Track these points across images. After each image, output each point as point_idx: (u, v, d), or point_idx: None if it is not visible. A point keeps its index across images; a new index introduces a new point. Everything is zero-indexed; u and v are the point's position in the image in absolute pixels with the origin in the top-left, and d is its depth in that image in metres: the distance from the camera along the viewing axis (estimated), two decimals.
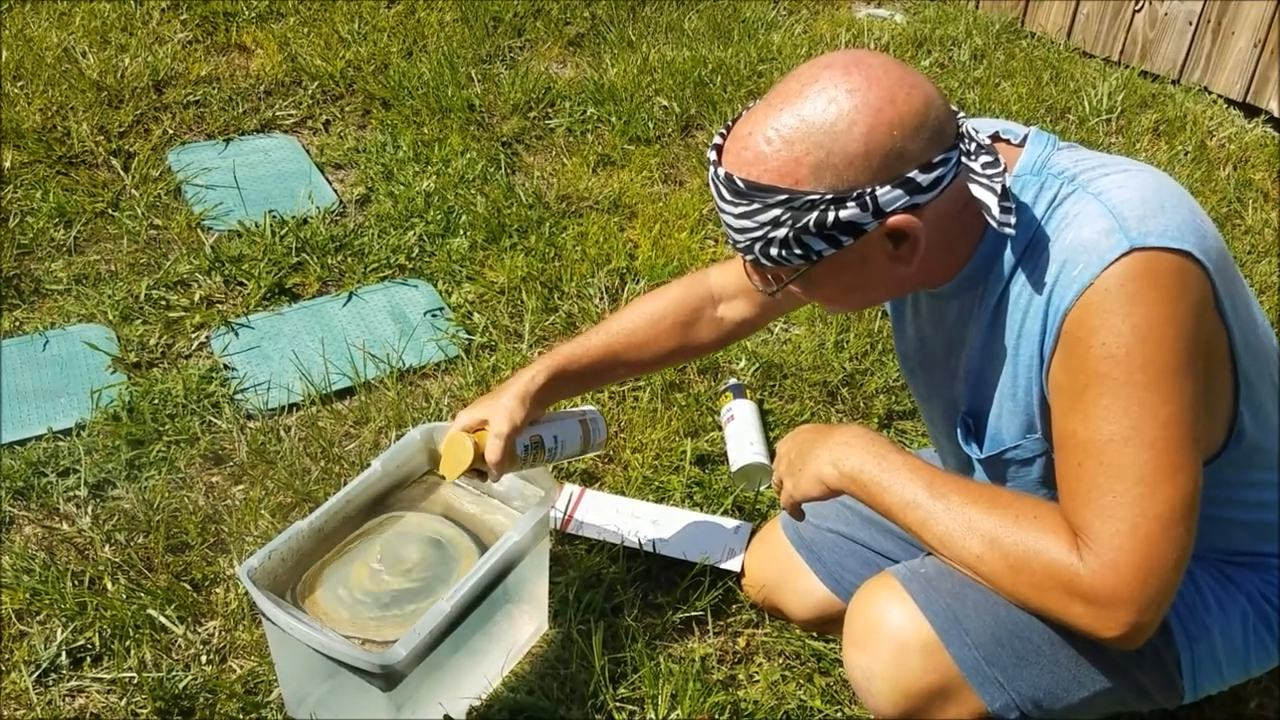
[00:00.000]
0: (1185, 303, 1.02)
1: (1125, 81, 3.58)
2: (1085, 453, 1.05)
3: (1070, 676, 1.17)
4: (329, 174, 2.91)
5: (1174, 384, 1.02)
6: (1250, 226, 2.84)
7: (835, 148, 1.03)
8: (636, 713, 1.55)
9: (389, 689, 1.31)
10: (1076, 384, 1.05)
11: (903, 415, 2.16)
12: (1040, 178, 1.12)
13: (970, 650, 1.15)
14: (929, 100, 1.05)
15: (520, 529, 1.45)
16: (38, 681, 1.56)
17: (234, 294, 2.42)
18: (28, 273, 2.41)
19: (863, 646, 1.19)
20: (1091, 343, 1.03)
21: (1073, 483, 1.06)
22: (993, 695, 1.16)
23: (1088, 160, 1.13)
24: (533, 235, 2.63)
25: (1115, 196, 1.06)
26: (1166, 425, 1.02)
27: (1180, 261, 1.02)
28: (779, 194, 1.05)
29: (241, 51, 3.47)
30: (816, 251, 1.08)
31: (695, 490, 1.93)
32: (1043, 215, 1.10)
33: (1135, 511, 1.01)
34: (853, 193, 1.04)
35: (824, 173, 1.04)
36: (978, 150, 1.08)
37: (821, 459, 1.21)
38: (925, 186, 1.05)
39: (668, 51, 3.62)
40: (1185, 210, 1.06)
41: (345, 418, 2.08)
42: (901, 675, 1.17)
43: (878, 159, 1.03)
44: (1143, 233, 1.02)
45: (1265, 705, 1.60)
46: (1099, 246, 1.03)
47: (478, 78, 3.37)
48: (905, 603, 1.17)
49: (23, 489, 1.87)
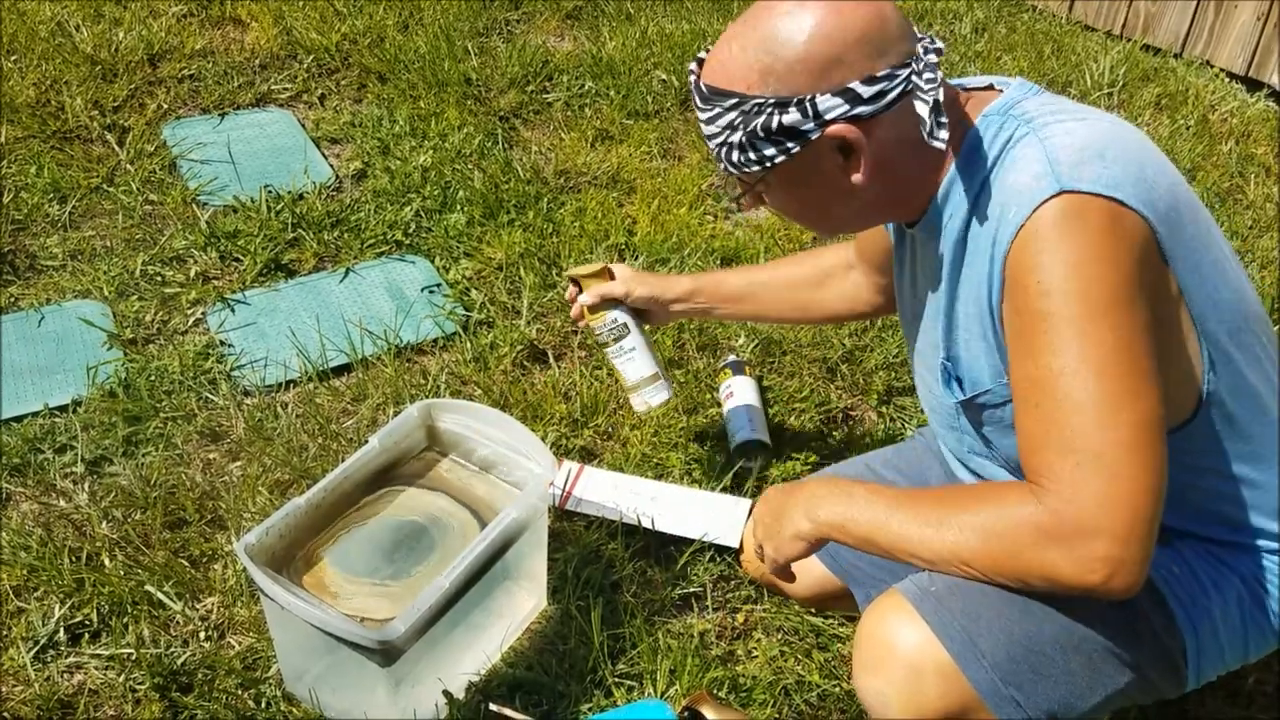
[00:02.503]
0: (1118, 242, 1.03)
1: (1127, 55, 3.56)
2: (1038, 391, 1.05)
3: (1084, 684, 1.15)
4: (325, 149, 2.89)
5: (1114, 315, 1.02)
6: (1252, 201, 2.83)
7: (781, 54, 1.10)
8: (635, 688, 1.55)
9: (388, 664, 1.30)
10: (1023, 325, 1.07)
11: (902, 392, 2.15)
12: (1003, 118, 1.14)
13: (987, 672, 1.13)
14: (878, 15, 1.09)
15: (519, 505, 1.45)
16: (36, 658, 1.56)
17: (230, 270, 2.41)
18: (23, 248, 2.40)
19: (875, 671, 1.17)
20: (1028, 282, 1.05)
21: (1030, 426, 1.06)
22: (1009, 713, 1.14)
23: (1052, 107, 1.14)
24: (530, 211, 2.62)
25: (1057, 142, 1.08)
26: (1112, 353, 1.02)
27: (1111, 206, 1.03)
28: (731, 98, 1.13)
29: (236, 25, 3.44)
30: (769, 157, 1.14)
31: (694, 467, 1.92)
32: (998, 155, 1.13)
33: (1093, 440, 1.01)
34: (794, 98, 1.10)
35: (769, 78, 1.11)
36: (925, 68, 1.11)
37: (795, 516, 1.22)
38: (866, 98, 1.09)
39: (666, 24, 3.59)
40: (1129, 161, 1.07)
41: (342, 394, 2.07)
42: (917, 700, 1.14)
43: (817, 66, 1.09)
44: (1074, 178, 1.04)
45: (1264, 680, 1.60)
46: (1030, 189, 1.06)
47: (474, 51, 3.34)
48: (917, 624, 1.14)
49: (19, 466, 1.86)
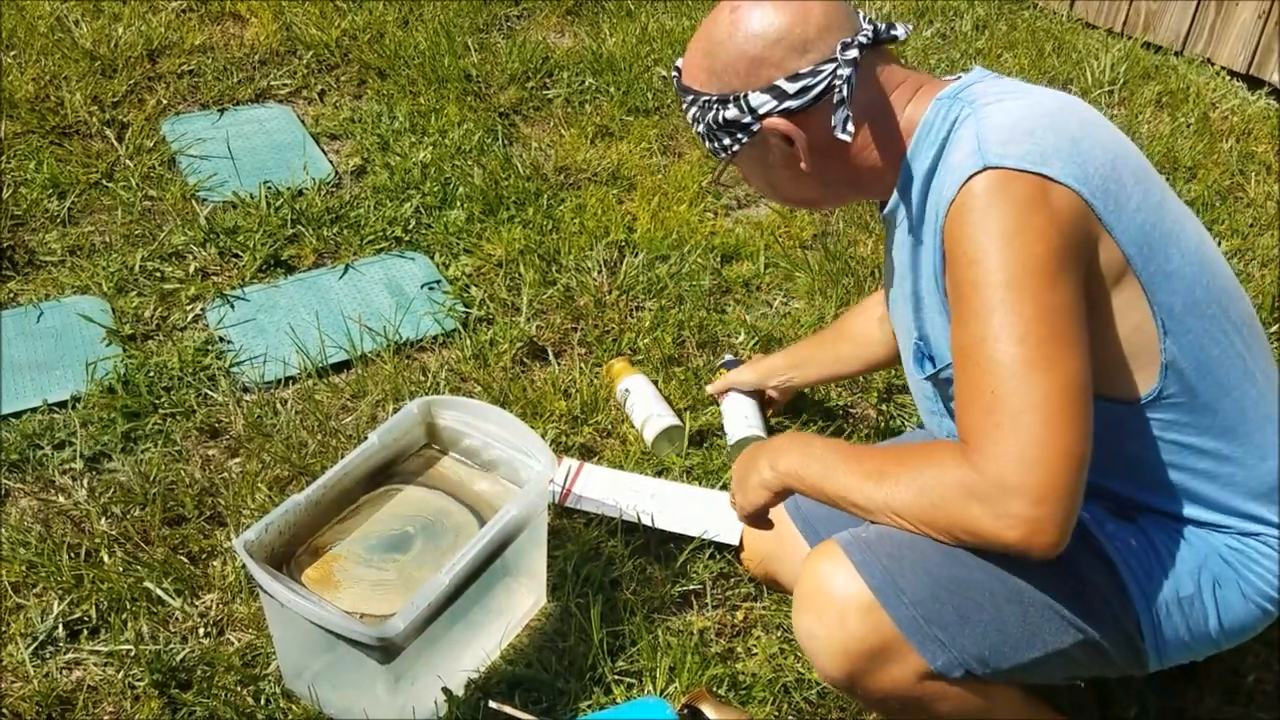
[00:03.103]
0: (1042, 214, 1.07)
1: (1128, 53, 3.55)
2: (965, 357, 1.10)
3: (1018, 634, 1.18)
4: (324, 145, 2.89)
5: (1036, 283, 1.06)
6: (1253, 199, 2.82)
7: (717, 54, 1.22)
8: (635, 685, 1.55)
9: (387, 661, 1.30)
10: (956, 295, 1.12)
11: (902, 389, 2.15)
12: (951, 101, 1.20)
13: (907, 609, 1.17)
14: (801, 15, 1.18)
15: (518, 503, 1.45)
16: (35, 654, 1.55)
17: (229, 266, 2.40)
18: (22, 244, 2.39)
19: (807, 609, 1.22)
20: (958, 254, 1.10)
21: (960, 389, 1.11)
22: (934, 653, 1.17)
23: (997, 89, 1.20)
24: (530, 207, 2.62)
25: (989, 121, 1.13)
26: (1033, 321, 1.06)
27: (1036, 180, 1.08)
28: (689, 94, 1.27)
29: (236, 20, 3.43)
30: (727, 146, 1.26)
31: (694, 464, 1.92)
32: (944, 137, 1.18)
33: (1013, 404, 1.04)
34: (730, 95, 1.22)
35: (712, 77, 1.23)
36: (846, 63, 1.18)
37: (761, 466, 1.31)
38: (792, 94, 1.19)
39: (667, 21, 3.59)
40: (1061, 136, 1.11)
41: (342, 391, 2.07)
42: (842, 637, 1.18)
43: (744, 66, 1.20)
44: (1000, 155, 1.09)
45: (1264, 679, 1.60)
46: (960, 167, 1.11)
47: (474, 47, 3.33)
48: (845, 565, 1.20)
49: (18, 461, 1.86)
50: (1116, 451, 1.20)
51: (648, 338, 2.21)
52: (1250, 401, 1.20)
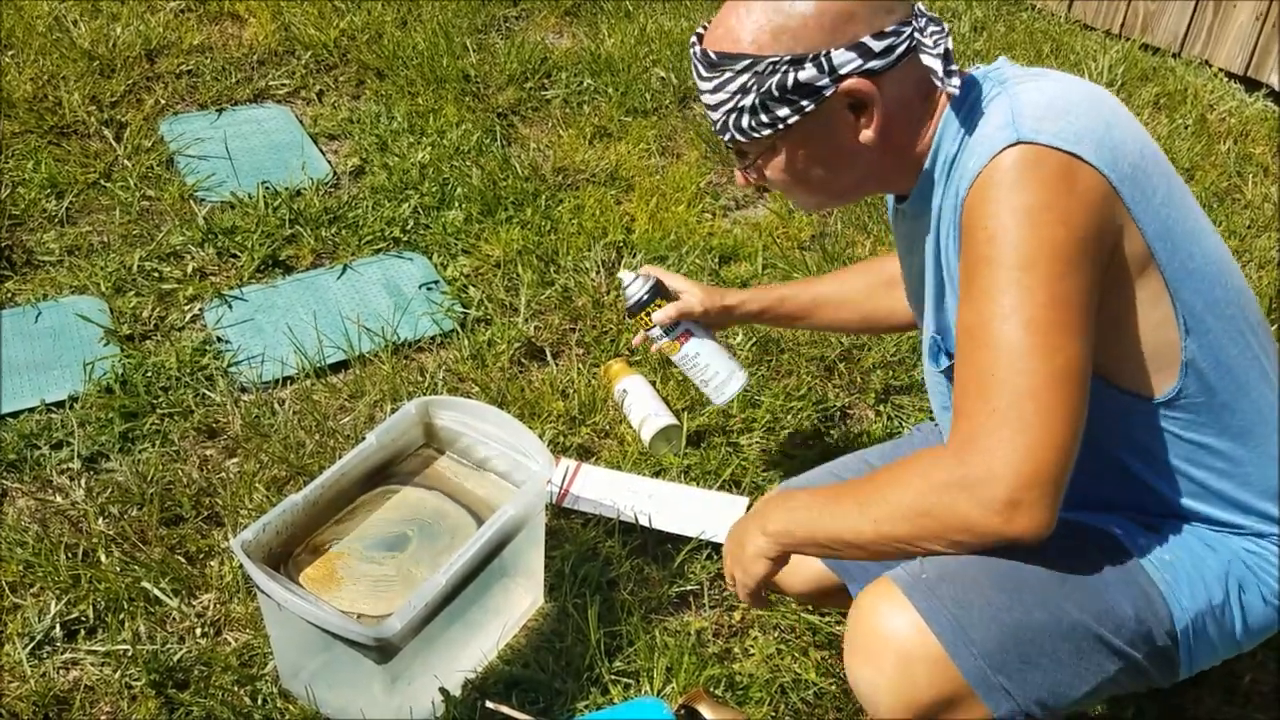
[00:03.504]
0: (1070, 196, 1.04)
1: (1126, 54, 3.56)
2: (969, 337, 1.07)
3: (1073, 672, 1.15)
4: (323, 145, 2.89)
5: (1053, 268, 1.03)
6: (1250, 201, 2.83)
7: (792, 12, 1.11)
8: (632, 685, 1.55)
9: (384, 661, 1.30)
10: (968, 272, 1.08)
11: (900, 390, 2.15)
12: (981, 80, 1.16)
13: (976, 660, 1.13)
14: None
15: (515, 503, 1.45)
16: (32, 654, 1.55)
17: (227, 266, 2.40)
18: (20, 244, 2.39)
19: (865, 658, 1.17)
20: (977, 229, 1.06)
21: (961, 370, 1.07)
22: (998, 702, 1.15)
23: (1030, 71, 1.17)
24: (529, 208, 2.62)
25: (1025, 99, 1.10)
26: (1045, 306, 1.03)
27: (1068, 160, 1.05)
28: (744, 60, 1.13)
29: (234, 20, 3.43)
30: (782, 118, 1.15)
31: (691, 465, 1.92)
32: (972, 114, 1.14)
33: (1009, 389, 1.02)
34: (809, 54, 1.11)
35: (782, 36, 1.12)
36: (927, 23, 1.13)
37: (752, 534, 1.25)
38: (878, 52, 1.11)
39: (665, 21, 3.59)
40: (1094, 120, 1.08)
41: (340, 391, 2.07)
42: (907, 688, 1.14)
43: (829, 21, 1.11)
44: (1034, 130, 1.05)
45: (1261, 679, 1.60)
46: (991, 139, 1.07)
47: (473, 48, 3.34)
48: (908, 612, 1.14)
49: (15, 461, 1.86)
50: (1135, 448, 1.19)
51: None
52: (1267, 402, 1.20)
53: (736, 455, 1.95)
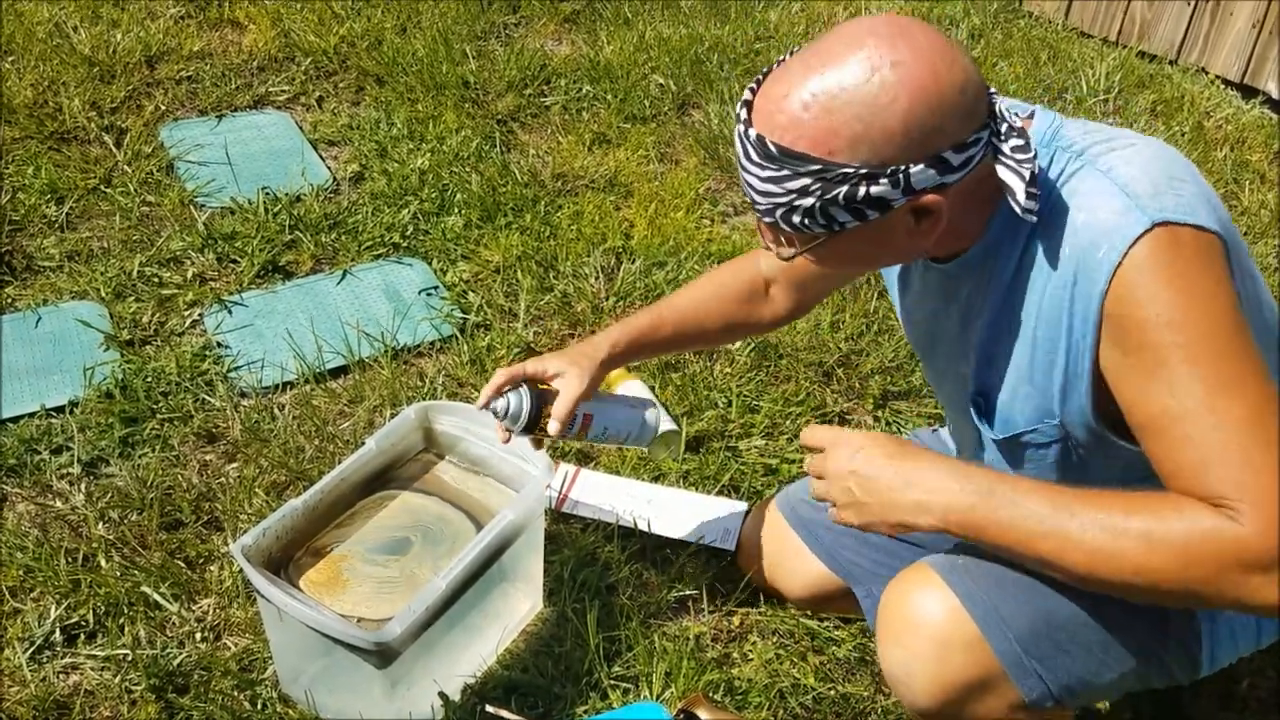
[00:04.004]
0: (1217, 268, 1.02)
1: (1123, 62, 3.57)
2: (1190, 421, 1.00)
3: (1100, 661, 1.17)
4: (322, 151, 2.89)
5: (1239, 328, 1.01)
6: (1247, 208, 2.84)
7: (875, 122, 1.00)
8: (631, 690, 1.55)
9: (384, 666, 1.31)
10: (1145, 361, 1.02)
11: (898, 395, 2.16)
12: (1049, 149, 1.11)
13: (1011, 643, 1.15)
14: (968, 77, 1.02)
15: (515, 508, 1.45)
16: (32, 658, 1.56)
17: (227, 271, 2.41)
18: (20, 249, 2.40)
19: (899, 641, 1.18)
20: (1145, 318, 1.01)
21: (1185, 455, 1.01)
22: (1030, 686, 1.16)
23: (1094, 134, 1.11)
24: (528, 214, 2.62)
25: (1123, 173, 1.04)
26: (1251, 371, 1.00)
27: (1198, 231, 1.02)
28: (812, 163, 1.03)
29: (234, 27, 3.44)
30: (840, 223, 1.06)
31: (690, 469, 1.93)
32: (1050, 191, 1.09)
33: (1266, 457, 0.97)
34: (886, 169, 1.02)
35: (860, 146, 1.01)
36: (1009, 132, 1.05)
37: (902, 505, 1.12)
38: (956, 166, 1.03)
39: (664, 29, 3.60)
40: (1193, 184, 1.05)
41: (339, 396, 2.07)
42: (942, 669, 1.16)
43: (916, 136, 1.01)
44: (1159, 208, 1.01)
45: (1258, 684, 1.61)
46: (1120, 226, 1.02)
47: (472, 54, 3.34)
48: (945, 596, 1.15)
49: (15, 466, 1.86)
50: None
51: None
52: None
53: (735, 460, 1.95)
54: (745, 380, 2.14)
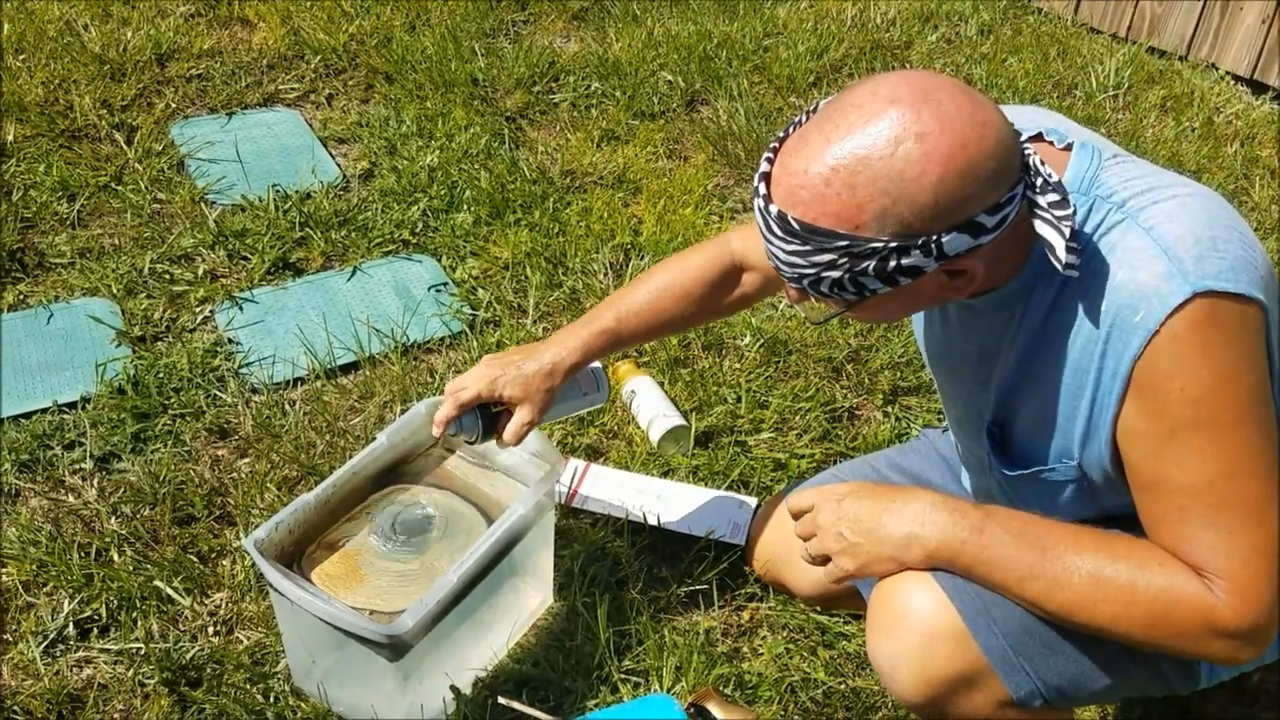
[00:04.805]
0: (1251, 340, 1.02)
1: (1132, 58, 3.56)
2: (1189, 496, 1.03)
3: (1093, 665, 1.17)
4: (332, 148, 2.90)
5: (1259, 414, 1.02)
6: (1257, 203, 2.83)
7: (903, 196, 0.97)
8: (641, 684, 1.55)
9: (396, 659, 1.31)
10: (1160, 430, 1.04)
11: (908, 391, 2.16)
12: (1088, 198, 1.08)
13: (998, 640, 1.15)
14: (999, 139, 0.99)
15: (525, 502, 1.45)
16: (45, 652, 1.56)
17: (238, 268, 2.41)
18: (32, 246, 2.41)
19: (888, 633, 1.18)
20: (1170, 389, 1.02)
21: (1176, 526, 1.05)
22: (1018, 683, 1.16)
23: (1136, 183, 1.09)
24: (537, 211, 2.63)
25: (1167, 232, 1.03)
26: (1261, 454, 1.02)
27: (1238, 303, 1.01)
28: (838, 239, 1.00)
29: (244, 25, 3.45)
30: (871, 290, 1.04)
31: (700, 465, 1.93)
32: (1088, 242, 1.07)
33: (1256, 541, 1.02)
34: (917, 240, 0.99)
35: (888, 221, 0.98)
36: (1044, 186, 1.03)
37: (893, 539, 1.16)
38: (990, 228, 1.01)
39: (672, 25, 3.60)
40: (1237, 244, 1.04)
41: (350, 392, 2.08)
42: (928, 663, 1.16)
43: (945, 207, 0.98)
44: (1201, 275, 1.00)
45: (1268, 679, 1.60)
46: (1160, 292, 1.01)
47: (481, 51, 3.35)
48: (933, 591, 1.15)
49: (28, 462, 1.87)
50: None
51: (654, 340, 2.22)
52: None
53: (745, 455, 1.96)
54: (754, 376, 2.14)
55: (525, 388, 1.43)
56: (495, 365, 1.45)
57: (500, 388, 1.43)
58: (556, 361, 1.45)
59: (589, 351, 1.47)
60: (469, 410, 1.44)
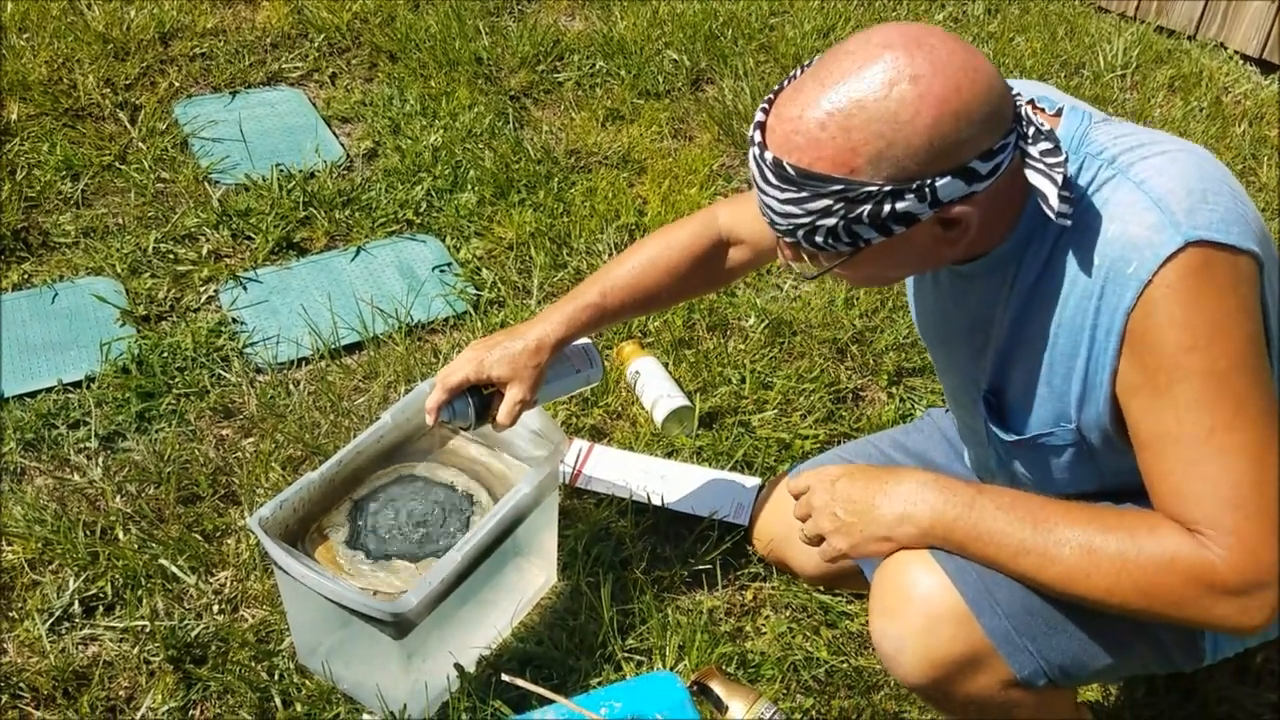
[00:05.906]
0: (1246, 290, 1.01)
1: (1140, 37, 3.53)
2: (1187, 448, 1.02)
3: (1098, 642, 1.17)
4: (336, 127, 2.89)
5: (1256, 363, 1.01)
6: (1265, 184, 2.81)
7: (897, 139, 0.98)
8: (644, 663, 1.56)
9: (400, 637, 1.32)
10: (1157, 382, 1.03)
11: (913, 372, 2.15)
12: (1078, 156, 1.09)
13: (1001, 620, 1.15)
14: (991, 85, 1.00)
15: (529, 482, 1.46)
16: (51, 629, 1.57)
17: (242, 248, 2.41)
18: (36, 225, 2.41)
19: (892, 615, 1.18)
20: (1165, 339, 1.01)
21: (1177, 479, 1.03)
22: (1022, 663, 1.16)
23: (1126, 139, 1.09)
24: (541, 190, 2.62)
25: (1158, 185, 1.03)
26: (1262, 403, 1.01)
27: (1231, 253, 1.01)
28: (833, 183, 1.00)
29: (248, 4, 3.43)
30: (865, 240, 1.04)
31: (704, 445, 1.93)
32: (1081, 198, 1.07)
33: (1258, 493, 1.00)
34: (911, 184, 1.00)
35: (882, 164, 0.99)
36: (1036, 135, 1.03)
37: (886, 518, 1.16)
38: (984, 175, 1.01)
39: (678, 4, 3.58)
40: (1228, 197, 1.04)
41: (354, 372, 2.08)
42: (931, 645, 1.16)
43: (939, 150, 0.98)
44: (1193, 225, 1.00)
45: (1273, 658, 1.61)
46: (1152, 242, 1.01)
47: (485, 30, 3.33)
48: (935, 572, 1.15)
49: (33, 441, 1.88)
50: None
51: (658, 320, 2.22)
52: None
53: (749, 436, 1.96)
54: (759, 356, 2.14)
55: (512, 366, 1.43)
56: (480, 348, 1.45)
57: (487, 369, 1.42)
58: (542, 337, 1.44)
59: (574, 325, 1.46)
60: (460, 394, 1.44)
